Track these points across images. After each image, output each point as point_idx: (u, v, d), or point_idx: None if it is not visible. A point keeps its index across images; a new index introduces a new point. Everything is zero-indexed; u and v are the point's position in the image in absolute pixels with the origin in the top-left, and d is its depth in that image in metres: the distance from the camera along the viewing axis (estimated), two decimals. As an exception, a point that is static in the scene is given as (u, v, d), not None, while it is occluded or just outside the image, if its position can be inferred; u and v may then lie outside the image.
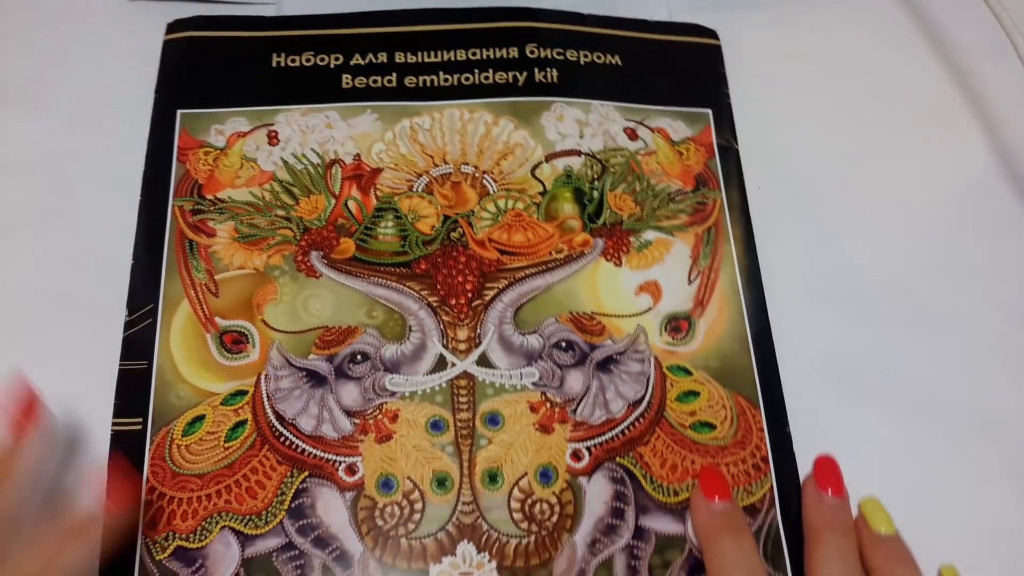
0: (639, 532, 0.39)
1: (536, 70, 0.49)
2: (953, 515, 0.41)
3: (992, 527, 0.41)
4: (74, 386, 0.41)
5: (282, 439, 0.40)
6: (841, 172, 0.49)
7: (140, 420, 0.40)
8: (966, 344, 0.45)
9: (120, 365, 0.41)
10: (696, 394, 0.42)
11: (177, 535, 0.38)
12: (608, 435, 0.41)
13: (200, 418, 0.40)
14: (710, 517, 0.39)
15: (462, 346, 0.42)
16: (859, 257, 0.47)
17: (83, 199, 0.46)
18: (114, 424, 0.40)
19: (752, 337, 0.43)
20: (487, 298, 0.43)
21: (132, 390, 0.40)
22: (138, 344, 0.41)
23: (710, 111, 0.49)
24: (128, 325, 0.41)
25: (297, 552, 0.38)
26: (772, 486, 0.40)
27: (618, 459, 0.40)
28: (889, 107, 0.51)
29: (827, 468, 0.40)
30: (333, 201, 0.45)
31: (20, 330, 0.43)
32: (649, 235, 0.45)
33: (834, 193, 0.48)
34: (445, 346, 0.42)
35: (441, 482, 0.39)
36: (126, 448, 0.39)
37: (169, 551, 0.38)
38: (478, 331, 0.42)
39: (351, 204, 0.45)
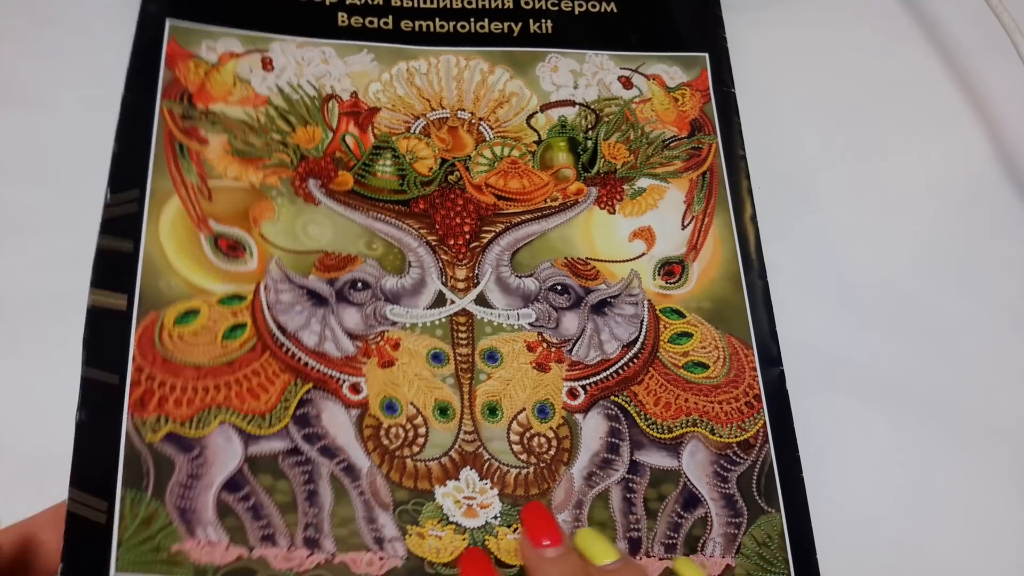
0: (634, 466, 0.39)
1: (531, 21, 0.49)
2: (955, 516, 0.42)
3: (994, 528, 0.42)
4: (74, 386, 0.40)
5: (284, 349, 0.39)
6: (841, 172, 0.49)
7: (125, 296, 0.39)
8: (966, 344, 0.45)
9: (100, 240, 0.39)
10: (689, 335, 0.42)
11: (170, 419, 0.37)
12: (603, 374, 0.41)
13: (195, 311, 0.39)
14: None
15: (461, 284, 0.42)
16: (859, 257, 0.47)
17: (83, 199, 0.44)
18: (92, 293, 0.38)
19: (746, 278, 0.44)
20: (484, 241, 0.43)
21: (112, 266, 0.39)
22: (121, 224, 0.40)
23: (707, 55, 0.49)
24: (109, 207, 0.40)
25: (304, 458, 0.38)
26: (765, 422, 0.41)
27: (613, 397, 0.41)
28: (889, 107, 0.51)
29: (537, 519, 0.36)
30: (330, 134, 0.44)
31: (21, 330, 0.42)
32: (643, 182, 0.46)
33: (834, 193, 0.49)
34: (444, 283, 0.42)
35: (443, 411, 0.39)
36: (106, 324, 0.38)
37: (162, 434, 0.37)
38: (476, 271, 0.42)
39: (349, 139, 0.44)
